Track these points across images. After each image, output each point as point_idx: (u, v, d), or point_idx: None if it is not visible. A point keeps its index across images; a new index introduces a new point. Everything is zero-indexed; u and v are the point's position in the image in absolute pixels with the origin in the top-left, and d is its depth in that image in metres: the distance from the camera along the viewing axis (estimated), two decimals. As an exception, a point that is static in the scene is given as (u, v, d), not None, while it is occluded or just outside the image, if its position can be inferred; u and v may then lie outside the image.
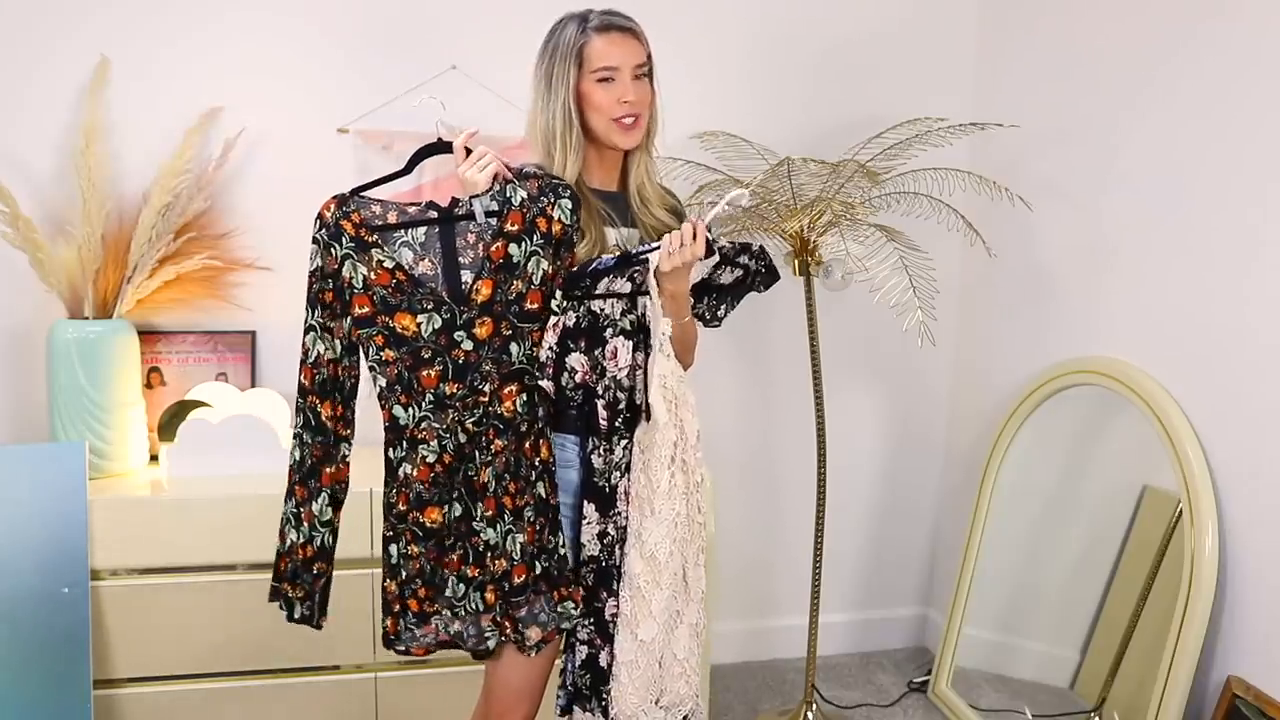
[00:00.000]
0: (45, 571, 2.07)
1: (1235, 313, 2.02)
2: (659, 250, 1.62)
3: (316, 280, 1.58)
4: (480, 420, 1.59)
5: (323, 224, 1.57)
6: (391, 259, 1.57)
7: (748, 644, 2.96)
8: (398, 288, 1.57)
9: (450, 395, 1.58)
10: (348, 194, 1.60)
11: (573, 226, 1.63)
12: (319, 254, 1.58)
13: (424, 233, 1.59)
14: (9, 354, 2.40)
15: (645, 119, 1.72)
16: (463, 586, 1.61)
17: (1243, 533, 2.00)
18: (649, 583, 1.67)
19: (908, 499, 3.04)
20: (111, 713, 2.15)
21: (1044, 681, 2.50)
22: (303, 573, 1.65)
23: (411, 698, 2.29)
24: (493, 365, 1.59)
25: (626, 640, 1.68)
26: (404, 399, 1.59)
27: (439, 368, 1.57)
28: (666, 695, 1.72)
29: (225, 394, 2.42)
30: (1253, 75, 1.98)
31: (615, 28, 1.68)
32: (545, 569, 1.64)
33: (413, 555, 1.62)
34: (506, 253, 1.60)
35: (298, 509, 1.64)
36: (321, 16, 2.47)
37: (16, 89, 2.34)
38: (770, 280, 1.83)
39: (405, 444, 1.60)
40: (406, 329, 1.57)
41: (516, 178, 1.63)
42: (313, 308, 1.59)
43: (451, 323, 1.57)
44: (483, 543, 1.60)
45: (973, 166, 2.54)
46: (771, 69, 2.74)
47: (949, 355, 2.98)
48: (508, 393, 1.60)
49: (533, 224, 1.61)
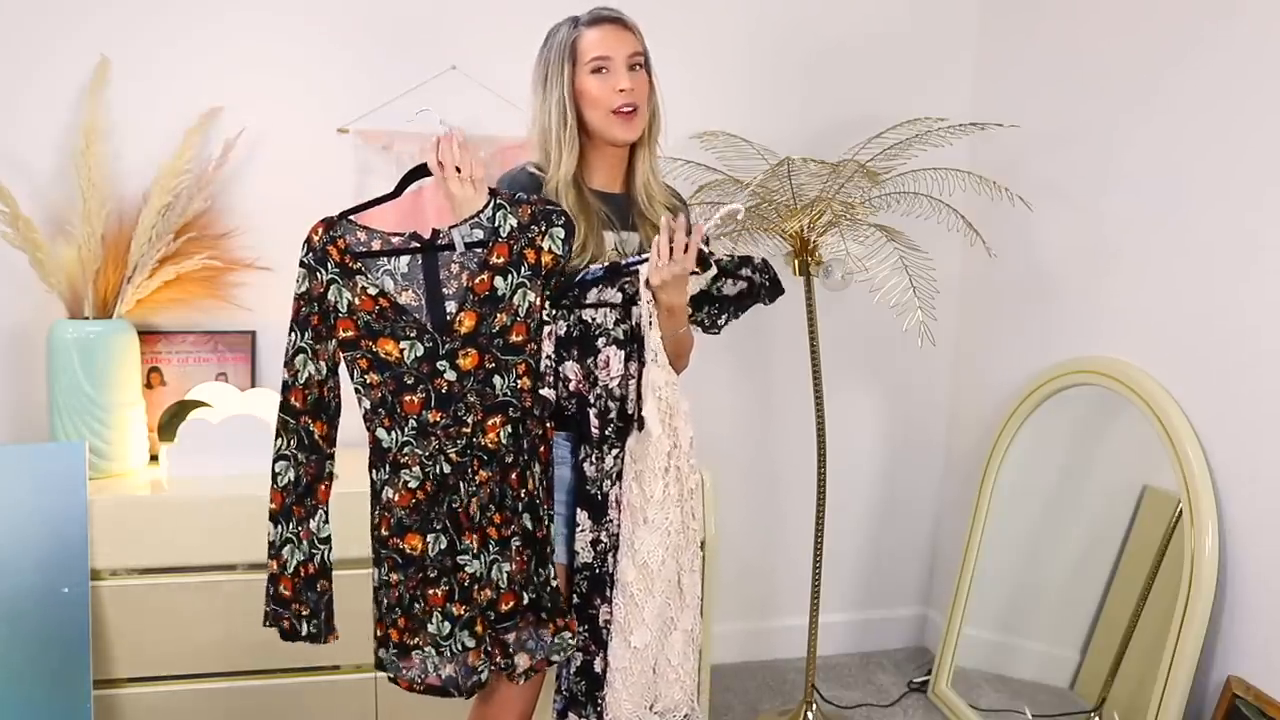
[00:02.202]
0: (45, 571, 2.07)
1: (1235, 313, 2.02)
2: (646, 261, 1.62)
3: (304, 304, 1.58)
4: (464, 450, 1.59)
5: (310, 248, 1.58)
6: (375, 285, 1.57)
7: (748, 644, 2.96)
8: (381, 314, 1.57)
9: (434, 423, 1.58)
10: (336, 217, 1.60)
11: (565, 256, 1.62)
12: (305, 278, 1.58)
13: (406, 263, 1.59)
14: (9, 354, 2.40)
15: (644, 110, 1.72)
16: (448, 625, 1.60)
17: (1243, 533, 2.00)
18: (642, 590, 1.67)
19: (908, 499, 3.04)
20: (111, 713, 2.15)
21: (1044, 681, 2.50)
22: (306, 591, 1.64)
23: (411, 698, 2.28)
24: (476, 397, 1.59)
25: (620, 647, 1.68)
26: (387, 422, 1.59)
27: (421, 395, 1.57)
28: (661, 701, 1.72)
29: (225, 394, 2.42)
30: (1253, 76, 1.98)
31: (605, 20, 1.69)
32: (534, 599, 1.63)
33: (392, 583, 1.61)
34: (491, 286, 1.59)
35: (296, 528, 1.62)
36: (322, 17, 2.47)
37: (16, 89, 2.34)
38: (775, 293, 1.83)
39: (388, 467, 1.60)
40: (389, 354, 1.57)
41: (509, 203, 1.61)
42: (301, 330, 1.59)
43: (434, 351, 1.57)
44: (468, 576, 1.60)
45: (973, 166, 2.54)
46: (771, 69, 2.74)
47: (949, 355, 2.97)
48: (491, 424, 1.60)
49: (520, 256, 1.60)
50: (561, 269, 1.62)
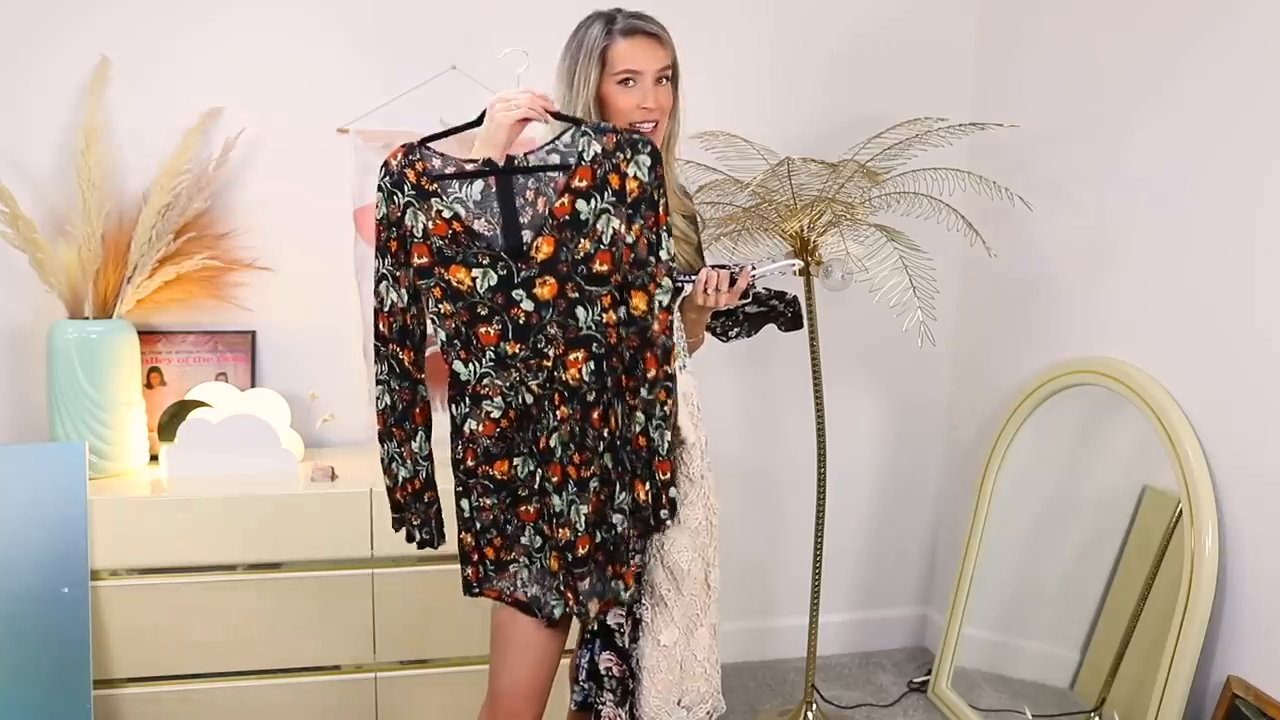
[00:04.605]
0: (45, 571, 2.07)
1: (1236, 313, 2.02)
2: (694, 283, 1.66)
3: (384, 229, 1.57)
4: (545, 384, 1.55)
5: (387, 171, 1.55)
6: (450, 209, 1.53)
7: (748, 644, 2.95)
8: (454, 239, 1.52)
9: (512, 355, 1.54)
10: (416, 143, 1.57)
11: (652, 184, 1.55)
12: (384, 201, 1.56)
13: (480, 190, 1.54)
14: (9, 354, 2.40)
15: (664, 125, 1.72)
16: (539, 539, 1.61)
17: (1243, 533, 2.00)
18: (670, 591, 1.69)
19: (908, 499, 3.04)
20: (111, 713, 2.15)
21: (1044, 681, 2.50)
22: (415, 503, 1.68)
23: (411, 698, 2.29)
24: (558, 329, 1.53)
25: (649, 647, 1.70)
26: (464, 354, 1.57)
27: (498, 326, 1.54)
28: (688, 695, 1.74)
29: (225, 394, 2.42)
30: (1254, 77, 1.98)
31: (641, 32, 1.67)
32: (604, 540, 1.61)
33: (485, 507, 1.62)
34: (573, 209, 1.51)
35: (400, 448, 1.65)
36: (322, 17, 2.47)
37: (16, 89, 2.34)
38: (793, 325, 1.86)
39: (469, 400, 1.59)
40: (461, 282, 1.53)
41: (594, 130, 1.55)
42: (382, 256, 1.58)
43: (509, 280, 1.52)
44: (552, 506, 1.59)
45: (973, 166, 2.54)
46: (771, 69, 2.74)
47: (949, 355, 2.97)
48: (573, 359, 1.54)
49: (604, 180, 1.52)
50: (651, 198, 1.55)
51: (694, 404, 1.72)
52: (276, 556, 2.18)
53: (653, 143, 1.59)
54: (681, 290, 1.68)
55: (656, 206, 1.56)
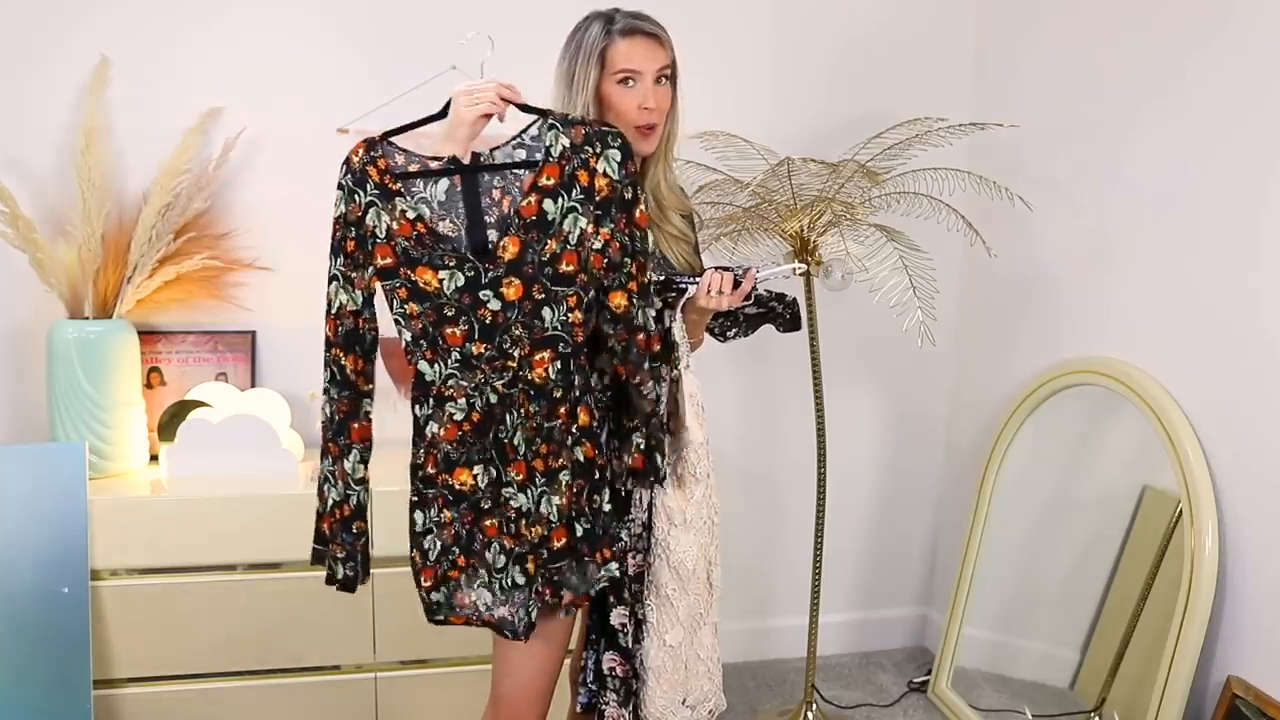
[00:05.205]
0: (45, 571, 2.07)
1: (1236, 313, 2.02)
2: (697, 285, 1.66)
3: (340, 227, 1.53)
4: (510, 384, 1.52)
5: (349, 169, 1.52)
6: (414, 209, 1.50)
7: (748, 644, 2.95)
8: (419, 240, 1.49)
9: (478, 355, 1.51)
10: (377, 138, 1.53)
11: (623, 183, 1.52)
12: (343, 200, 1.52)
13: (445, 190, 1.51)
14: (9, 354, 2.41)
15: (663, 124, 1.72)
16: (503, 558, 1.55)
17: (1243, 533, 2.00)
18: (676, 591, 1.69)
19: (908, 499, 3.04)
20: (111, 713, 2.15)
21: (1044, 681, 2.50)
22: (342, 533, 1.60)
23: (411, 698, 2.29)
24: (523, 330, 1.51)
25: (654, 647, 1.70)
26: (429, 355, 1.53)
27: (464, 326, 1.51)
28: (692, 694, 1.74)
29: (225, 394, 2.42)
30: (1257, 78, 1.98)
31: (640, 32, 1.67)
32: (587, 530, 1.57)
33: (445, 521, 1.56)
34: (540, 209, 1.49)
35: (333, 466, 1.59)
36: (322, 17, 2.47)
37: (16, 89, 2.34)
38: (791, 327, 1.87)
39: (432, 401, 1.54)
40: (428, 284, 1.50)
41: (562, 123, 1.52)
42: (335, 255, 1.54)
43: (476, 281, 1.49)
44: (514, 510, 1.55)
45: (973, 166, 2.54)
46: (771, 69, 2.74)
47: (949, 355, 2.97)
48: (539, 359, 1.52)
49: (572, 178, 1.50)
50: (622, 198, 1.52)
51: (699, 404, 1.73)
52: (276, 556, 2.18)
53: (624, 135, 1.56)
54: (685, 292, 1.68)
55: (630, 208, 1.54)
